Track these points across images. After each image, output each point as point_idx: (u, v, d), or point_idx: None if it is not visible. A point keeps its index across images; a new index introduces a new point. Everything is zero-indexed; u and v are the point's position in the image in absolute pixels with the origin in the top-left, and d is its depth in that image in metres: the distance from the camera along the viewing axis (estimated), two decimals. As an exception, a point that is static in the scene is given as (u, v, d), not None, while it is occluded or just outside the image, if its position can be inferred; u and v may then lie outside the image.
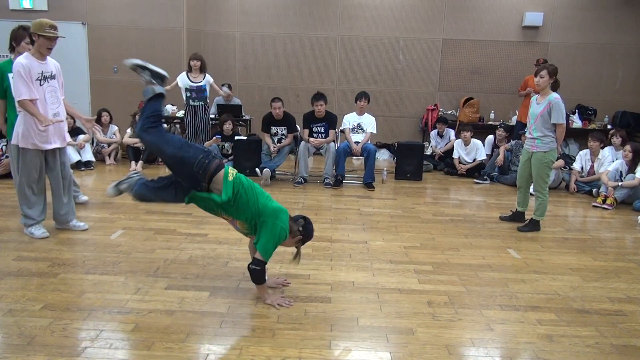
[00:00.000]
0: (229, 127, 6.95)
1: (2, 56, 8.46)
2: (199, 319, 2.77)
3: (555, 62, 5.20)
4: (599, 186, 6.15)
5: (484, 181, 6.93)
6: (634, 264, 3.93)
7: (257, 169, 6.30)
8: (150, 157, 7.24)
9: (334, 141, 6.59)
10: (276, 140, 6.62)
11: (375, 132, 6.72)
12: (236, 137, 6.77)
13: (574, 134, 8.40)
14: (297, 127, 6.72)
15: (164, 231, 4.27)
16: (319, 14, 8.69)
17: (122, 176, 3.15)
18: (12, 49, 4.06)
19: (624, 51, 8.55)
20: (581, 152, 6.73)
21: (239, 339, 2.59)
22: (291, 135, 6.60)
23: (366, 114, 6.73)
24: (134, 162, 6.96)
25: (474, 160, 7.29)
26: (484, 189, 6.62)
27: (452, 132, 7.92)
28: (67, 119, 4.89)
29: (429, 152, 8.02)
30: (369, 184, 6.36)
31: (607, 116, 8.59)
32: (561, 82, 4.72)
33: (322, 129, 6.54)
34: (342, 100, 8.67)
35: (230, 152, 6.99)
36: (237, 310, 2.90)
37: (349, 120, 6.72)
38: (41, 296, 2.97)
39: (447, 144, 7.84)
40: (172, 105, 7.83)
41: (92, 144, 7.39)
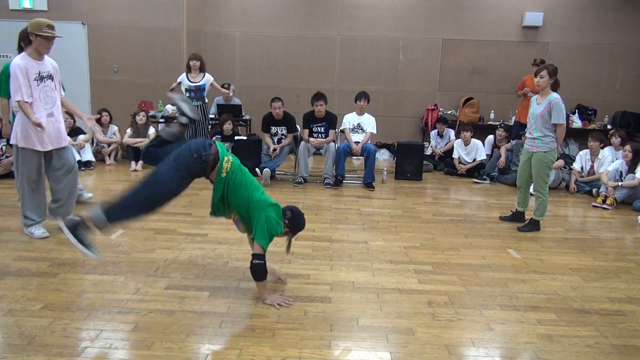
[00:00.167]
0: (229, 127, 6.95)
1: (2, 56, 8.48)
2: (199, 319, 2.77)
3: (555, 62, 5.20)
4: (599, 186, 6.15)
5: (483, 181, 6.93)
6: (634, 264, 3.93)
7: (257, 169, 6.29)
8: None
9: (334, 141, 6.59)
10: (276, 140, 6.62)
11: (375, 132, 6.72)
12: (236, 137, 6.78)
13: (574, 134, 8.40)
14: (297, 127, 6.72)
15: (164, 231, 4.28)
16: (319, 14, 8.68)
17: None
18: (21, 50, 4.04)
19: (624, 51, 8.54)
20: (581, 152, 6.72)
21: (239, 339, 2.59)
22: (291, 135, 6.59)
23: (366, 114, 6.73)
24: (133, 162, 6.95)
25: (474, 160, 7.29)
26: (484, 188, 6.62)
27: (452, 132, 7.92)
28: (67, 119, 4.89)
29: (429, 152, 8.02)
30: (369, 184, 6.36)
31: (607, 116, 8.58)
32: (561, 82, 4.72)
33: (322, 129, 6.54)
34: (342, 100, 8.66)
35: (230, 152, 6.99)
36: (237, 310, 2.90)
37: (349, 120, 6.72)
38: (41, 296, 2.97)
39: (447, 144, 7.84)
40: (172, 105, 7.83)
41: (92, 144, 7.39)
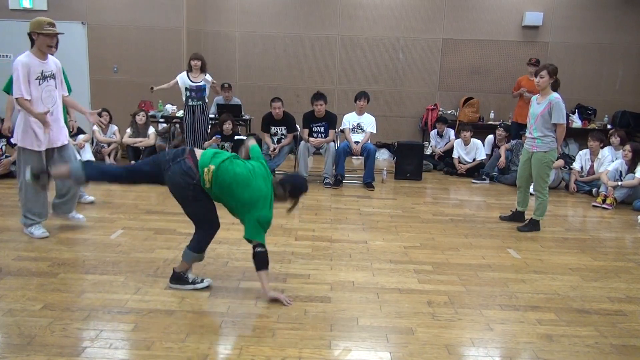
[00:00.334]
0: (228, 127, 6.94)
1: (2, 56, 8.49)
2: (199, 319, 2.77)
3: (555, 62, 5.19)
4: (598, 186, 6.15)
5: (482, 181, 6.93)
6: (634, 264, 3.93)
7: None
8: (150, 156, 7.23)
9: (333, 141, 6.59)
10: (276, 140, 6.62)
11: (375, 131, 6.72)
12: (236, 137, 6.77)
13: (574, 133, 8.39)
14: (297, 126, 6.72)
15: (163, 231, 4.28)
16: (319, 13, 8.68)
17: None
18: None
19: (624, 51, 8.54)
20: (581, 152, 6.73)
21: (239, 339, 2.59)
22: (291, 135, 6.59)
23: (366, 114, 6.73)
24: (133, 162, 6.95)
25: (474, 160, 7.29)
26: (484, 188, 6.62)
27: (451, 132, 7.92)
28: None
29: (428, 151, 8.02)
30: (368, 183, 6.36)
31: (606, 116, 8.58)
32: (561, 82, 4.72)
33: (322, 129, 6.54)
34: (342, 100, 8.66)
35: (230, 152, 6.99)
36: (237, 310, 2.90)
37: (349, 120, 6.71)
38: (41, 296, 2.97)
39: (447, 143, 7.84)
40: (172, 105, 7.83)
41: (91, 143, 7.39)
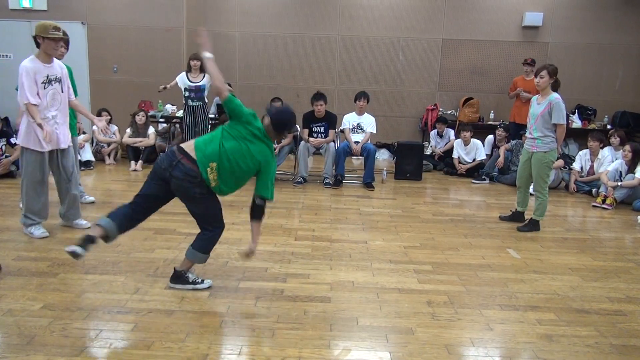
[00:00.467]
0: (228, 127, 6.94)
1: (2, 56, 8.50)
2: (199, 319, 2.77)
3: (555, 62, 5.20)
4: (598, 186, 6.16)
5: (481, 181, 6.93)
6: (634, 264, 3.93)
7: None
8: (150, 156, 7.24)
9: (333, 141, 6.59)
10: (275, 140, 6.61)
11: (375, 132, 6.72)
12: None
13: (574, 134, 8.39)
14: (297, 126, 6.71)
15: (163, 231, 4.27)
16: (319, 14, 8.68)
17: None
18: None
19: (624, 51, 8.54)
20: (581, 152, 6.73)
21: (238, 339, 2.59)
22: (291, 135, 6.59)
23: (366, 114, 6.73)
24: (133, 162, 6.96)
25: (474, 160, 7.29)
26: (484, 188, 6.62)
27: (451, 132, 7.92)
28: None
29: (428, 152, 8.02)
30: (368, 183, 6.36)
31: (606, 116, 8.58)
32: (561, 82, 4.71)
33: (322, 129, 6.54)
34: (342, 100, 8.66)
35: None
36: (237, 310, 2.90)
37: (349, 120, 6.71)
38: (41, 296, 2.97)
39: (446, 143, 7.84)
40: (172, 105, 7.83)
41: (91, 143, 7.39)
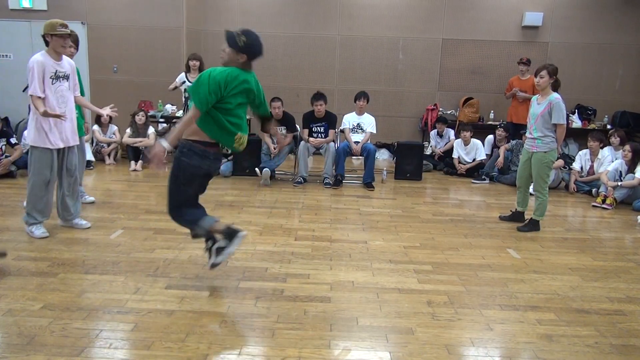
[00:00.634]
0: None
1: (2, 56, 8.49)
2: (199, 319, 2.77)
3: (555, 62, 5.20)
4: (598, 186, 6.15)
5: (481, 181, 6.93)
6: (634, 264, 3.93)
7: (256, 169, 6.30)
8: (150, 156, 7.23)
9: (333, 141, 6.59)
10: (275, 140, 6.61)
11: (375, 132, 6.72)
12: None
13: (574, 133, 8.39)
14: (297, 126, 6.72)
15: (163, 231, 4.27)
16: (319, 13, 8.68)
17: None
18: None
19: (624, 51, 8.54)
20: (581, 152, 6.73)
21: (238, 339, 2.59)
22: (291, 134, 6.59)
23: (366, 114, 6.72)
24: (133, 162, 6.96)
25: (474, 160, 7.29)
26: (484, 188, 6.62)
27: (451, 132, 7.92)
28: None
29: (428, 152, 8.02)
30: (368, 183, 6.36)
31: (606, 116, 8.58)
32: (561, 82, 4.71)
33: (322, 129, 6.54)
34: (342, 100, 8.66)
35: (229, 151, 6.99)
36: (237, 310, 2.90)
37: (349, 120, 6.71)
38: (41, 296, 2.97)
39: (446, 143, 7.84)
40: (172, 105, 7.83)
41: (91, 143, 7.39)
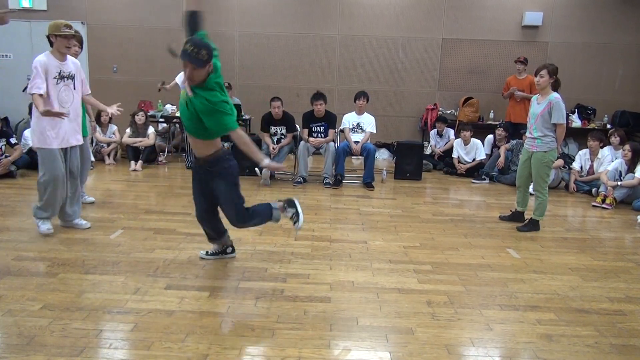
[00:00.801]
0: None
1: (2, 56, 8.50)
2: (199, 319, 2.77)
3: (554, 62, 5.19)
4: (598, 186, 6.16)
5: (481, 181, 6.93)
6: (634, 264, 3.93)
7: (256, 169, 6.28)
8: (150, 156, 7.24)
9: (333, 141, 6.59)
10: (275, 140, 6.61)
11: (374, 131, 6.71)
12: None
13: (574, 133, 8.40)
14: (297, 126, 6.72)
15: (163, 231, 4.27)
16: (319, 13, 8.68)
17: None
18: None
19: (624, 51, 8.55)
20: (580, 152, 6.73)
21: (238, 339, 2.59)
22: (290, 134, 6.59)
23: (366, 114, 6.72)
24: (133, 162, 6.96)
25: (474, 159, 7.29)
26: (484, 188, 6.62)
27: (451, 132, 7.92)
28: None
29: (428, 151, 8.02)
30: (368, 183, 6.36)
31: (606, 116, 8.58)
32: (561, 82, 4.71)
33: (322, 129, 6.54)
34: (342, 99, 8.66)
35: (230, 149, 6.99)
36: (236, 310, 2.90)
37: (349, 119, 6.71)
38: (40, 296, 2.97)
39: (446, 143, 7.84)
40: (172, 105, 7.83)
41: (91, 143, 7.38)
